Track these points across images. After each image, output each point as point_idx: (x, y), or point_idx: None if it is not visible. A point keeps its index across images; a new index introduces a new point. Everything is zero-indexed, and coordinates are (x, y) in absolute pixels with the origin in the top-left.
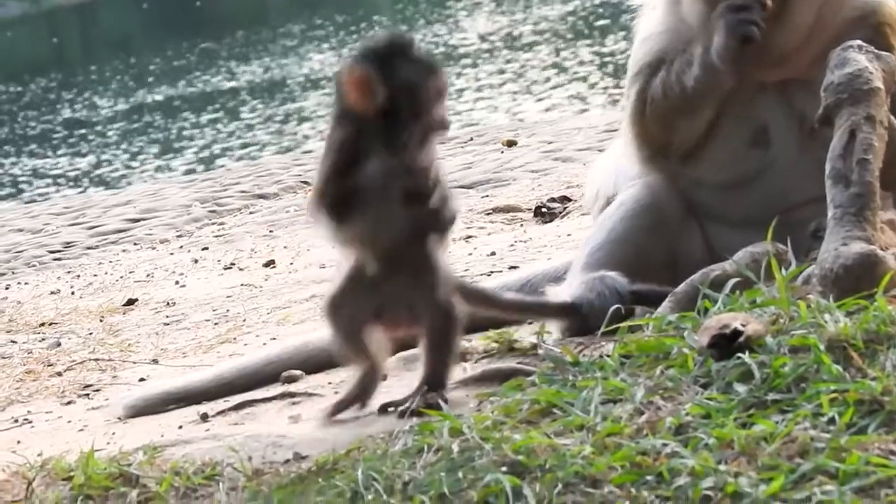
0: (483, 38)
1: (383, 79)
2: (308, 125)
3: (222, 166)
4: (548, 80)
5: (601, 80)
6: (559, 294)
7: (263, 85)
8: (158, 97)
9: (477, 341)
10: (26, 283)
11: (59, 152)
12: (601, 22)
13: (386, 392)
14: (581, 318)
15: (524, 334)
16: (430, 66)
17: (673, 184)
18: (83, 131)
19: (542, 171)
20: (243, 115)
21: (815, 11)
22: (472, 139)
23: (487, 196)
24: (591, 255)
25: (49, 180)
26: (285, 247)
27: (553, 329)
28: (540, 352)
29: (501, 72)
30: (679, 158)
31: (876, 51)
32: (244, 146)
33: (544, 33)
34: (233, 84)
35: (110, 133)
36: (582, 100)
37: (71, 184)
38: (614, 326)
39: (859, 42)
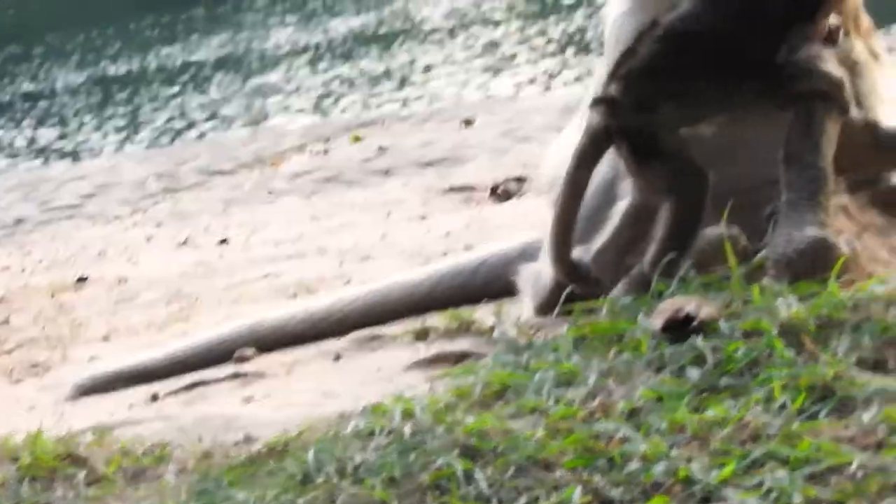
0: (448, 16)
1: None
2: (271, 100)
3: (182, 141)
4: (512, 57)
5: (564, 58)
6: (529, 268)
7: (226, 59)
8: (120, 70)
9: (435, 321)
10: None
11: (18, 125)
12: (567, 1)
13: (336, 374)
14: None
15: (483, 314)
16: None
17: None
18: (44, 104)
19: (500, 149)
20: (206, 90)
21: None
22: (430, 117)
23: (444, 175)
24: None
25: (6, 153)
26: (240, 224)
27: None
28: (495, 333)
29: (466, 48)
30: None
31: None
32: (207, 120)
33: (512, 9)
34: (195, 58)
35: (71, 106)
36: (545, 78)
37: (31, 156)
38: (568, 308)
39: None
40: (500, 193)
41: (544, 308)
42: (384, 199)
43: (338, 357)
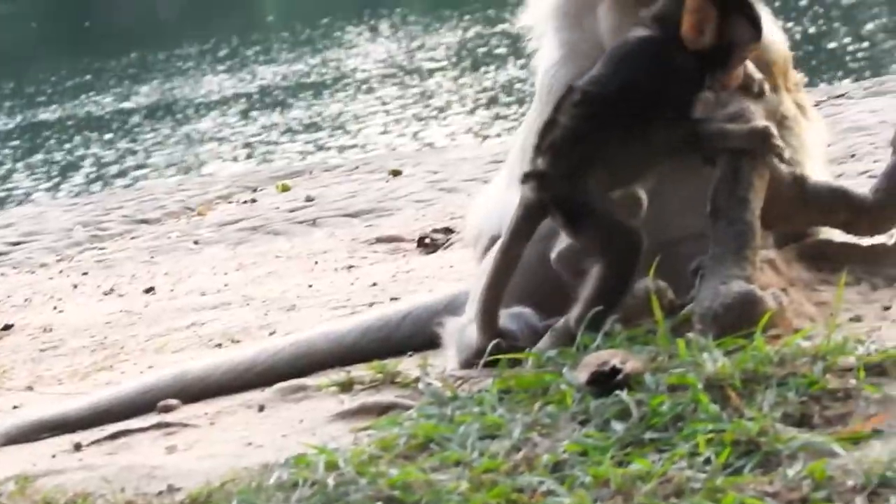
0: (379, 65)
1: (718, 24)
2: (201, 148)
3: (111, 189)
4: (443, 107)
5: (496, 109)
6: (454, 322)
7: (158, 106)
8: (51, 116)
9: (360, 372)
10: None
11: None
12: (499, 50)
13: (260, 425)
14: None
15: (408, 366)
16: (757, 29)
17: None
18: None
19: (427, 201)
20: (137, 137)
21: None
22: (357, 167)
23: (371, 226)
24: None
25: None
26: (166, 273)
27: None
28: (420, 385)
29: (397, 98)
30: None
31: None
32: (137, 167)
33: (446, 59)
34: (126, 105)
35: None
36: (475, 129)
37: None
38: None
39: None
40: (427, 245)
41: (468, 364)
42: (311, 250)
43: (262, 408)
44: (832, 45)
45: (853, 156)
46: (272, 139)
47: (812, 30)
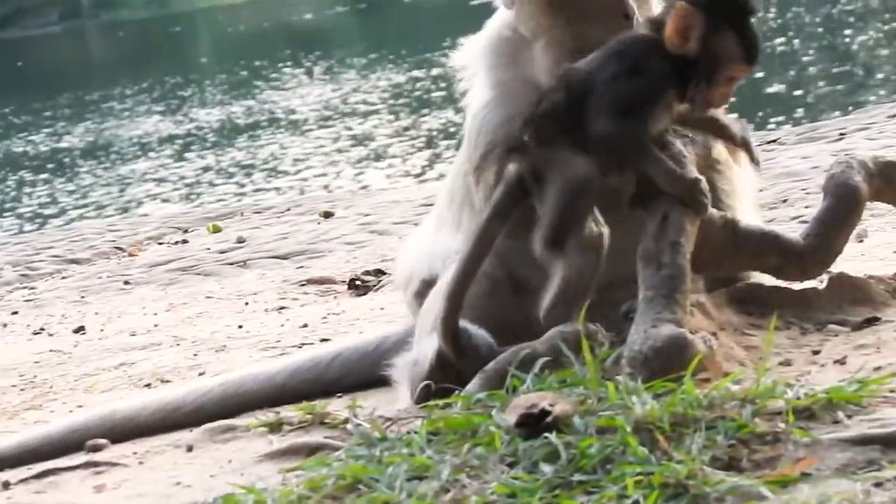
0: (314, 107)
1: (704, 34)
2: (135, 189)
3: (46, 228)
4: (377, 149)
5: (428, 152)
6: (405, 357)
7: (93, 147)
8: None
9: (289, 413)
10: None
11: None
12: (436, 94)
13: (189, 465)
14: None
15: (337, 407)
16: (751, 53)
17: (498, 261)
18: None
19: (358, 243)
20: (72, 177)
21: None
22: (289, 209)
23: (302, 267)
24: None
25: None
26: (96, 313)
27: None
28: (349, 426)
29: (332, 140)
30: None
31: (690, 135)
32: (72, 207)
33: (376, 104)
34: (61, 145)
35: None
36: (408, 171)
37: None
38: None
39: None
40: (358, 287)
41: (423, 398)
42: (241, 291)
43: (190, 448)
44: (767, 90)
45: (785, 201)
46: (205, 180)
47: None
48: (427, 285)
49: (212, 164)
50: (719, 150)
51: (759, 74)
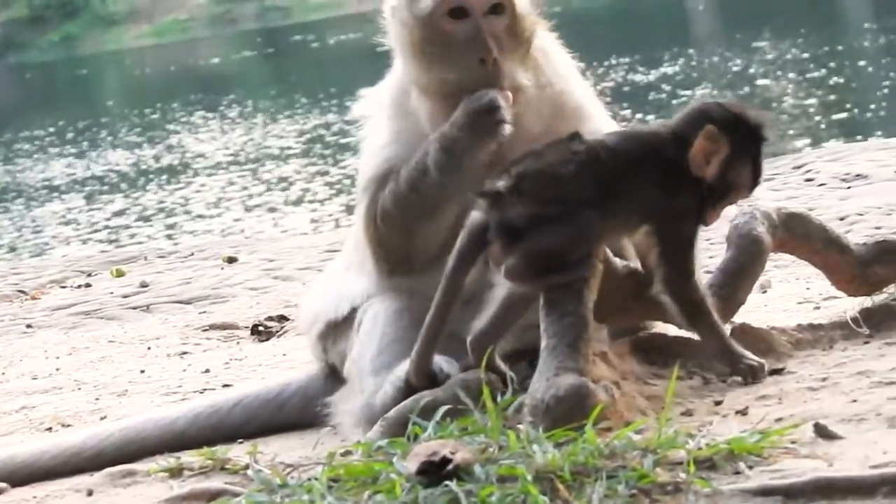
0: (226, 152)
1: (729, 156)
2: (40, 232)
3: None
4: (280, 195)
5: (335, 198)
6: (352, 404)
7: (1, 189)
8: None
9: (189, 458)
10: None
11: None
12: (351, 139)
13: None
14: None
15: (238, 453)
16: (756, 180)
17: (413, 296)
18: None
19: (262, 288)
20: None
21: (544, 122)
22: (192, 254)
23: (205, 312)
24: (375, 360)
25: None
26: None
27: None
28: (250, 472)
29: (240, 185)
30: (420, 270)
31: None
32: None
33: (289, 149)
34: None
35: None
36: (313, 218)
37: None
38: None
39: None
40: (261, 332)
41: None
42: (144, 335)
43: (91, 492)
44: None
45: None
46: (111, 224)
47: None
48: (331, 327)
49: (117, 207)
50: None
51: None
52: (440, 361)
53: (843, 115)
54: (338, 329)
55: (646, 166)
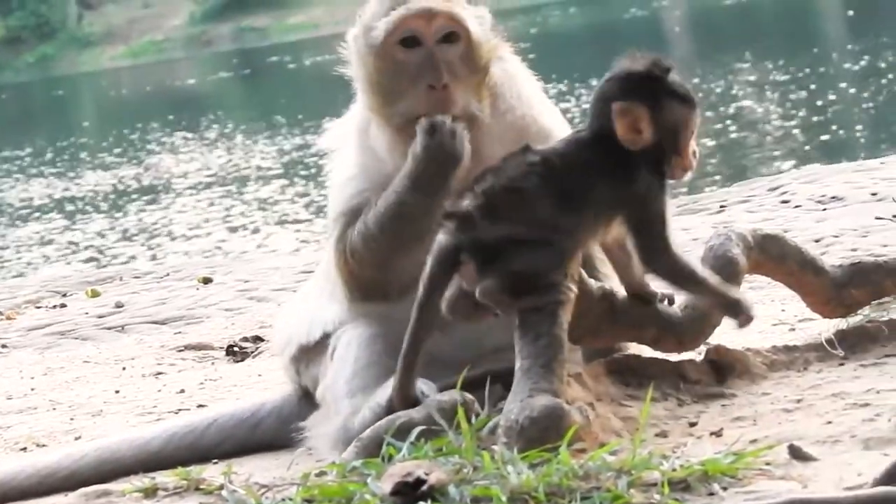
0: (204, 173)
1: (653, 118)
2: (14, 253)
3: None
4: (253, 217)
5: (315, 219)
6: (328, 427)
7: None
8: None
9: (164, 478)
10: None
11: None
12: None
13: None
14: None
15: (213, 473)
16: (691, 102)
17: (386, 322)
18: None
19: (237, 309)
20: None
21: (501, 150)
22: (168, 274)
23: (180, 333)
24: (350, 383)
25: None
26: None
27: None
28: (224, 493)
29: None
30: (394, 297)
31: None
32: None
33: (263, 170)
34: None
35: None
36: (290, 238)
37: None
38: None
39: None
40: (236, 353)
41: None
42: (119, 356)
43: None
44: None
45: None
46: (88, 244)
47: None
48: (304, 351)
49: (94, 228)
50: None
51: None
52: (421, 385)
53: (822, 137)
54: (310, 353)
55: (595, 163)
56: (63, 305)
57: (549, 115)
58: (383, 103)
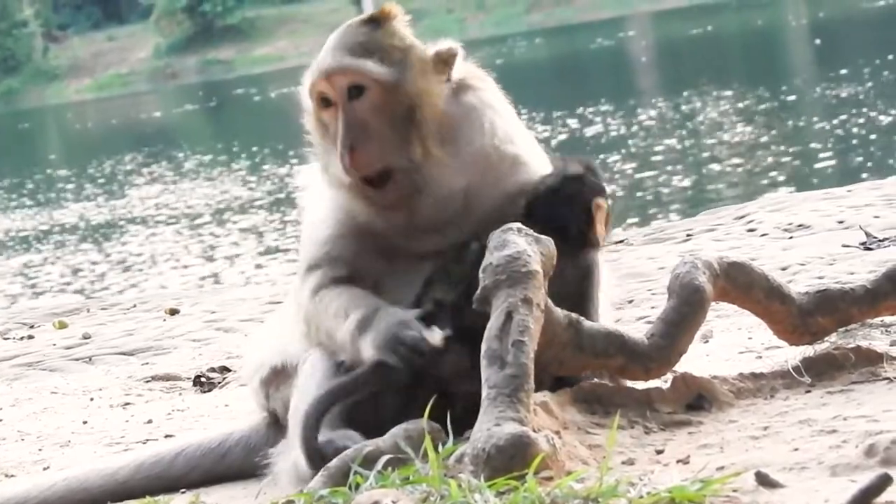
0: (169, 206)
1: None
2: None
3: None
4: (226, 247)
5: (279, 249)
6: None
7: None
8: None
9: None
10: None
11: None
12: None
13: None
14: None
15: (181, 503)
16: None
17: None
18: None
19: (204, 340)
20: None
21: (462, 182)
22: (135, 306)
23: (147, 363)
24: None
25: None
26: None
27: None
28: None
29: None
30: None
31: (535, 234)
32: None
33: (234, 201)
34: None
35: None
36: (256, 270)
37: None
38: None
39: (519, 225)
40: (203, 383)
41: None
42: (86, 386)
43: None
44: (614, 189)
45: (631, 301)
46: (54, 275)
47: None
48: (276, 373)
49: (60, 259)
50: None
51: (610, 176)
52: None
53: (789, 165)
54: (281, 375)
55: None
56: (30, 337)
57: (519, 143)
58: (322, 162)
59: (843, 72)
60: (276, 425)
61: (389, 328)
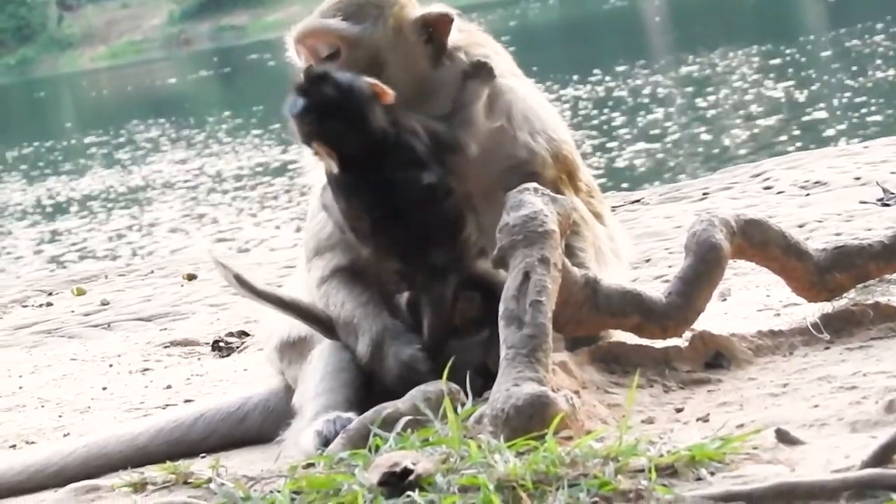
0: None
1: None
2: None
3: None
4: (238, 214)
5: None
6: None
7: None
8: None
9: (153, 473)
10: None
11: None
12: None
13: None
14: None
15: (201, 467)
16: None
17: None
18: None
19: (222, 305)
20: None
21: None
22: (152, 272)
23: (166, 329)
24: (318, 386)
25: None
26: None
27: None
28: (213, 486)
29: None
30: None
31: (552, 194)
32: None
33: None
34: None
35: None
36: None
37: None
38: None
39: (535, 185)
40: (222, 348)
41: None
42: (105, 353)
43: None
44: (632, 150)
45: (648, 260)
46: (72, 242)
47: (608, 141)
48: (286, 346)
49: (80, 226)
50: (579, 209)
51: (624, 136)
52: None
53: (805, 122)
54: (291, 349)
55: None
56: (49, 304)
57: (512, 111)
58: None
59: (859, 27)
60: (293, 391)
61: (398, 368)
